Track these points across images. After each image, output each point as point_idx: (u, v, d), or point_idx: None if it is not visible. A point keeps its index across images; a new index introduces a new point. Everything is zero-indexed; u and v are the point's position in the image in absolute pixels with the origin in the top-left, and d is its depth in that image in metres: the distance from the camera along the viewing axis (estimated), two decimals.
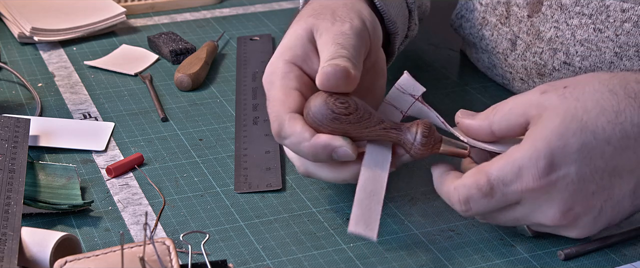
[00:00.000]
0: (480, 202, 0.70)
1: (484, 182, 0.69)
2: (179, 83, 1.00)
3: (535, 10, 0.92)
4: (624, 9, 0.85)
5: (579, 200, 0.69)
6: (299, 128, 0.72)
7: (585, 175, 0.68)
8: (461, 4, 1.02)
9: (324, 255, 0.73)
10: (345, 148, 0.71)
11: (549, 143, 0.68)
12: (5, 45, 1.11)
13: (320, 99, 0.72)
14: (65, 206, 0.77)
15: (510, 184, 0.68)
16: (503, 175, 0.68)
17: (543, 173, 0.68)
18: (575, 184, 0.68)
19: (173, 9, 1.21)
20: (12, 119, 0.85)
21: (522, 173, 0.68)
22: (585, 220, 0.70)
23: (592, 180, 0.69)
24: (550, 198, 0.69)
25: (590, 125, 0.68)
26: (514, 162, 0.68)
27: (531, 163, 0.68)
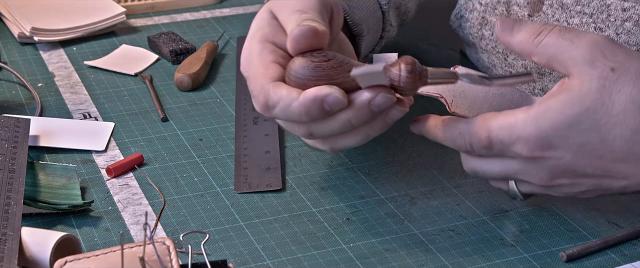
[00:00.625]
0: (481, 150, 0.72)
1: (484, 136, 0.71)
2: (179, 83, 1.00)
3: (536, 9, 0.92)
4: (624, 7, 0.85)
5: (568, 174, 0.71)
6: (284, 91, 0.72)
7: (579, 164, 0.70)
8: (461, 4, 1.02)
9: (324, 255, 0.73)
10: (334, 94, 0.71)
11: (554, 127, 0.69)
12: (5, 45, 1.11)
13: (298, 58, 0.73)
14: (65, 206, 0.77)
15: (506, 146, 0.71)
16: (501, 136, 0.71)
17: (537, 149, 0.70)
18: (566, 166, 0.70)
19: (173, 9, 1.21)
20: (12, 119, 0.85)
21: (519, 141, 0.70)
22: (569, 190, 0.72)
23: (584, 170, 0.70)
24: (540, 167, 0.71)
25: (604, 130, 0.68)
26: (514, 129, 0.70)
27: (530, 137, 0.69)
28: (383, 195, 0.81)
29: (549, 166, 0.71)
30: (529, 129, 0.69)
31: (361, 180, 0.83)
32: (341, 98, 0.71)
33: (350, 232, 0.76)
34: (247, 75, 0.76)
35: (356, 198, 0.80)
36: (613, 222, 0.77)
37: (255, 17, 0.80)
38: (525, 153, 0.70)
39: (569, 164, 0.70)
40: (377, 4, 0.92)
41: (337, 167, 0.85)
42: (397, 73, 0.71)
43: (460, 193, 0.81)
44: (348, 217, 0.78)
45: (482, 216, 0.78)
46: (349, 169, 0.84)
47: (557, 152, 0.70)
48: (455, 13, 1.03)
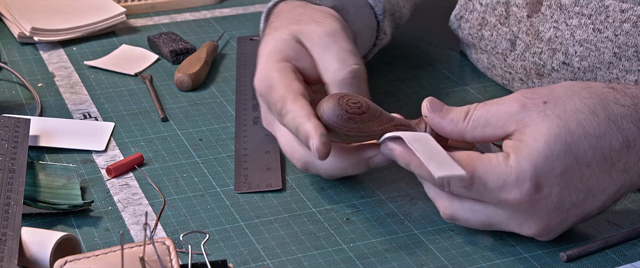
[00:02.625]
0: (457, 189, 0.70)
1: (467, 175, 0.69)
2: (179, 83, 1.00)
3: (535, 10, 0.92)
4: (623, 9, 0.85)
5: (556, 216, 0.70)
6: (299, 105, 0.74)
7: (565, 196, 0.69)
8: (460, 4, 1.02)
9: (324, 255, 0.73)
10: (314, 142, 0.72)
11: (535, 166, 0.68)
12: (5, 45, 1.11)
13: (333, 102, 0.74)
14: (65, 206, 0.77)
15: (489, 191, 0.69)
16: (485, 179, 0.69)
17: (527, 195, 0.68)
18: (555, 204, 0.69)
19: (173, 9, 1.21)
20: (12, 119, 0.85)
21: (505, 187, 0.68)
22: (555, 231, 0.72)
23: (569, 200, 0.70)
24: (529, 216, 0.70)
25: (574, 148, 0.68)
26: (500, 175, 0.68)
27: (517, 183, 0.68)
28: (383, 195, 0.81)
29: (538, 213, 0.69)
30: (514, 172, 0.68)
31: (361, 180, 0.83)
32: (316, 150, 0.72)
33: (350, 232, 0.76)
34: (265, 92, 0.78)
35: (356, 198, 0.80)
36: (613, 222, 0.77)
37: (272, 36, 0.81)
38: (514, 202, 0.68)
39: (556, 201, 0.69)
40: (372, 14, 0.93)
41: None
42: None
43: None
44: (348, 217, 0.78)
45: None
46: None
47: (545, 191, 0.68)
48: (455, 14, 1.03)
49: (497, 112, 0.71)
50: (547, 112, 0.69)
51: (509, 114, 0.70)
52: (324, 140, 0.72)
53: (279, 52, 0.80)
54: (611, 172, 0.70)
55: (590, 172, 0.69)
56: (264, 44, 0.82)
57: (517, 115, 0.70)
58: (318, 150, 0.72)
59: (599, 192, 0.70)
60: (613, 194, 0.71)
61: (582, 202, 0.70)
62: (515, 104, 0.70)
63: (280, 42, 0.80)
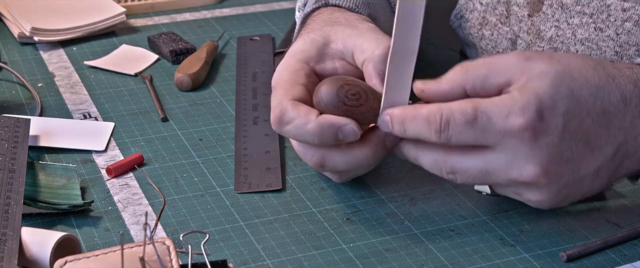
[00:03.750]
0: (457, 128, 0.69)
1: (470, 109, 0.68)
2: (179, 83, 1.00)
3: (536, 9, 0.92)
4: (624, 8, 0.85)
5: (554, 162, 0.69)
6: (302, 110, 0.73)
7: (565, 139, 0.69)
8: (461, 4, 1.02)
9: (324, 255, 0.73)
10: (351, 125, 0.72)
11: (540, 100, 0.68)
12: (5, 45, 1.11)
13: (332, 89, 0.73)
14: (65, 206, 0.77)
15: (494, 122, 0.68)
16: (490, 110, 0.68)
17: (530, 124, 0.68)
18: (555, 146, 0.69)
19: (173, 9, 1.21)
20: (12, 119, 0.85)
21: (510, 118, 0.68)
22: (551, 185, 0.70)
23: (569, 147, 0.69)
24: (531, 154, 0.69)
25: (576, 93, 0.69)
26: (504, 105, 0.68)
27: (521, 112, 0.68)
28: (383, 195, 0.81)
29: (539, 151, 0.68)
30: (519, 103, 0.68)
31: (361, 180, 0.83)
32: (357, 131, 0.73)
33: (350, 232, 0.76)
34: (274, 88, 0.78)
35: (356, 198, 0.80)
36: (613, 222, 0.77)
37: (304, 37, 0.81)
38: (517, 128, 0.68)
39: (557, 142, 0.68)
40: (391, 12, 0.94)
41: None
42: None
43: (460, 193, 0.81)
44: (348, 217, 0.78)
45: (482, 216, 0.78)
46: None
47: (549, 126, 0.68)
48: (455, 13, 1.03)
49: (499, 60, 0.71)
50: (553, 61, 0.70)
51: (513, 62, 0.70)
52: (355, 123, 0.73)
53: (301, 51, 0.80)
54: (609, 127, 0.70)
55: (590, 120, 0.69)
56: (294, 43, 0.83)
57: (523, 64, 0.70)
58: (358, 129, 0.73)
59: (597, 149, 0.70)
60: (609, 158, 0.70)
61: (580, 155, 0.69)
62: (521, 55, 0.71)
63: (307, 42, 0.81)
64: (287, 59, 0.80)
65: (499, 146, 0.69)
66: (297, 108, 0.74)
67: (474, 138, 0.69)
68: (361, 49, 0.79)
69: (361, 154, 0.75)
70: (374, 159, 0.75)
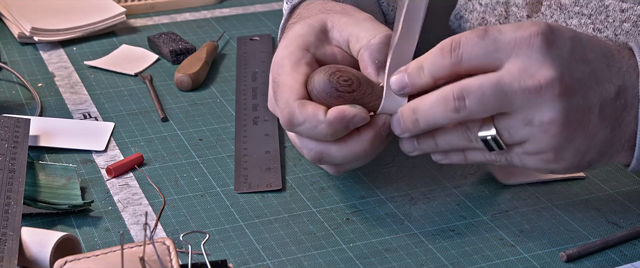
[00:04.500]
0: (470, 42, 0.69)
1: (480, 28, 0.69)
2: (179, 83, 1.00)
3: (534, 10, 0.92)
4: (623, 9, 0.85)
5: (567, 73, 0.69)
6: (311, 111, 0.73)
7: (574, 59, 0.69)
8: (460, 4, 1.02)
9: (324, 255, 0.73)
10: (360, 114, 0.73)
11: (547, 23, 0.69)
12: (5, 45, 1.11)
13: (324, 76, 0.73)
14: (65, 206, 0.77)
15: (506, 32, 0.69)
16: (501, 26, 0.69)
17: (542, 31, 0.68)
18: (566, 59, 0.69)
19: (173, 9, 1.21)
20: (12, 119, 0.85)
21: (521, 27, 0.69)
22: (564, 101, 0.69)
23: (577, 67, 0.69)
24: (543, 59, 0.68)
25: (578, 34, 0.71)
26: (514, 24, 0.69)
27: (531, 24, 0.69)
28: (383, 195, 0.81)
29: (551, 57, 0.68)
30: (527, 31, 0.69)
31: (361, 180, 0.83)
32: (366, 116, 0.73)
33: (350, 232, 0.76)
34: (276, 80, 0.77)
35: (356, 198, 0.80)
36: (613, 222, 0.77)
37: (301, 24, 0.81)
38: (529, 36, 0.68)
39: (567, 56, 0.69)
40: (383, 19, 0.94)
41: None
42: None
43: (460, 193, 0.81)
44: (348, 217, 0.78)
45: (482, 216, 0.78)
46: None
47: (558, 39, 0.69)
48: (455, 13, 1.03)
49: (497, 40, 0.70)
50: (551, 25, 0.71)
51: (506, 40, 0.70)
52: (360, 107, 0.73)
53: (301, 37, 0.79)
54: (609, 66, 0.71)
55: (593, 54, 0.71)
56: (289, 29, 0.82)
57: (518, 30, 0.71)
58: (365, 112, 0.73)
59: (601, 81, 0.70)
60: (613, 97, 0.70)
61: (587, 79, 0.70)
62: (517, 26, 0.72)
63: (305, 28, 0.80)
64: (286, 46, 0.79)
65: (511, 57, 0.69)
66: (305, 109, 0.73)
67: (485, 52, 0.69)
68: (357, 37, 0.78)
69: (358, 148, 0.75)
70: (372, 152, 0.75)
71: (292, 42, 0.79)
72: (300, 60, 0.77)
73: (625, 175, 0.83)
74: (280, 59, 0.78)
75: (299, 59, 0.77)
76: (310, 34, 0.79)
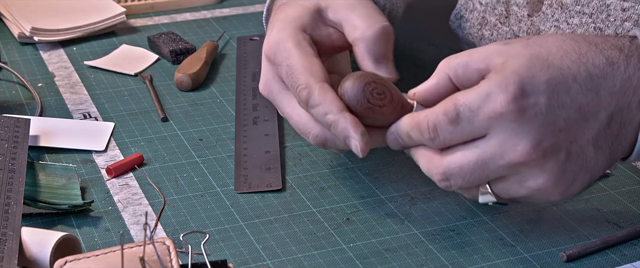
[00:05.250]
0: (446, 129, 0.68)
1: (450, 107, 0.67)
2: (179, 83, 1.00)
3: (536, 9, 0.92)
4: (624, 7, 0.85)
5: (548, 133, 0.67)
6: (329, 98, 0.72)
7: (554, 107, 0.67)
8: (461, 4, 1.02)
9: (324, 255, 0.73)
10: (356, 143, 0.72)
11: (518, 74, 0.67)
12: (5, 45, 1.11)
13: (359, 84, 0.72)
14: (65, 206, 0.77)
15: (477, 110, 0.67)
16: (470, 101, 0.67)
17: (512, 98, 0.66)
18: (544, 115, 0.67)
19: (173, 9, 1.21)
20: (12, 119, 0.85)
21: (490, 98, 0.67)
22: (552, 160, 0.68)
23: (559, 115, 0.67)
24: (519, 129, 0.67)
25: (556, 63, 0.68)
26: (482, 89, 0.67)
27: (500, 89, 0.66)
28: (383, 195, 0.81)
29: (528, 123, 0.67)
30: (496, 82, 0.67)
31: (361, 180, 0.83)
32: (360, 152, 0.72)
33: (350, 232, 0.76)
34: (285, 64, 0.76)
35: (356, 198, 0.80)
36: (613, 222, 0.77)
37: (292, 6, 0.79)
38: (501, 108, 0.66)
39: (544, 111, 0.67)
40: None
41: (337, 167, 0.85)
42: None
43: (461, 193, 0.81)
44: (348, 217, 0.78)
45: (482, 216, 0.78)
46: (349, 169, 0.85)
47: (531, 97, 0.66)
48: (455, 13, 1.03)
49: (480, 48, 0.70)
50: (529, 43, 0.69)
51: (491, 50, 0.69)
52: (366, 139, 0.72)
53: (297, 19, 0.78)
54: (598, 92, 0.68)
55: (577, 87, 0.68)
56: (281, 11, 0.80)
57: (499, 48, 0.69)
58: (361, 150, 0.72)
59: (590, 116, 0.68)
60: (605, 124, 0.68)
61: (574, 124, 0.68)
62: (500, 42, 0.70)
63: (299, 9, 0.79)
64: (282, 28, 0.78)
65: (489, 131, 0.68)
66: (325, 95, 0.73)
67: (464, 133, 0.68)
68: (353, 25, 0.78)
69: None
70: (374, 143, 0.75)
71: (289, 24, 0.78)
72: (302, 42, 0.77)
73: (625, 175, 0.83)
74: (280, 42, 0.77)
75: (300, 40, 0.77)
76: (304, 16, 0.78)
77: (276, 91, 0.79)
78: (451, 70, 0.70)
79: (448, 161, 0.69)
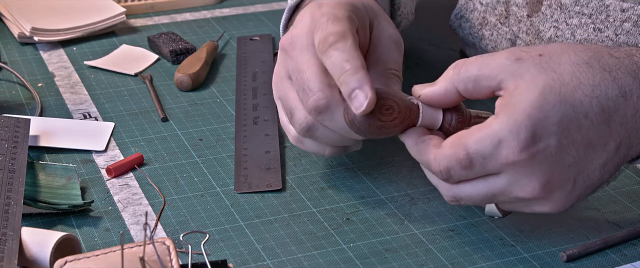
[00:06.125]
0: (460, 173, 0.69)
1: (462, 155, 0.67)
2: (179, 83, 1.00)
3: (535, 10, 0.92)
4: (623, 8, 0.85)
5: (557, 172, 0.68)
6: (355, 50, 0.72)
7: (564, 147, 0.67)
8: (461, 4, 1.02)
9: (324, 255, 0.73)
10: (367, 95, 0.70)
11: (529, 115, 0.66)
12: (5, 45, 1.11)
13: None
14: (65, 206, 0.77)
15: (489, 157, 0.67)
16: (482, 148, 0.67)
17: (524, 146, 0.66)
18: (554, 156, 0.67)
19: (173, 9, 1.21)
20: (12, 119, 0.85)
21: (502, 145, 0.66)
22: (559, 193, 0.69)
23: (569, 153, 0.68)
24: (530, 172, 0.67)
25: (569, 98, 0.67)
26: (494, 135, 0.67)
27: (512, 136, 0.66)
28: (383, 195, 0.81)
29: (539, 166, 0.67)
30: (507, 127, 0.66)
31: (361, 180, 0.83)
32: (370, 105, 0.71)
33: (350, 232, 0.76)
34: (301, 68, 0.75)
35: (356, 198, 0.80)
36: (613, 222, 0.77)
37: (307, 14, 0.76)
38: (513, 157, 0.67)
39: (554, 153, 0.67)
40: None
41: (337, 167, 0.85)
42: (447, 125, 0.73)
43: None
44: (348, 217, 0.78)
45: (482, 216, 0.78)
46: (349, 169, 0.85)
47: (542, 141, 0.67)
48: (455, 13, 1.03)
49: (491, 62, 0.69)
50: (543, 64, 0.68)
51: (504, 65, 0.69)
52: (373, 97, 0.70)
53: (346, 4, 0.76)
54: (609, 124, 0.68)
55: (589, 122, 0.68)
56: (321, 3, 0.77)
57: (512, 65, 0.68)
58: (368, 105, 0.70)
59: (599, 147, 0.68)
60: (613, 153, 0.69)
61: (583, 157, 0.68)
62: (511, 56, 0.69)
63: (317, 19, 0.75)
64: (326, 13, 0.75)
65: (500, 174, 0.68)
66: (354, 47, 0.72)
67: (477, 174, 0.69)
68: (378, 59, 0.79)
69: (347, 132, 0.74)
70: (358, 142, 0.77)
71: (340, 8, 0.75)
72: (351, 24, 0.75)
73: (625, 175, 0.83)
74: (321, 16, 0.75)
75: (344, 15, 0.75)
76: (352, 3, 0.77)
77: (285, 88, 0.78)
78: (461, 84, 0.70)
79: (458, 189, 0.71)
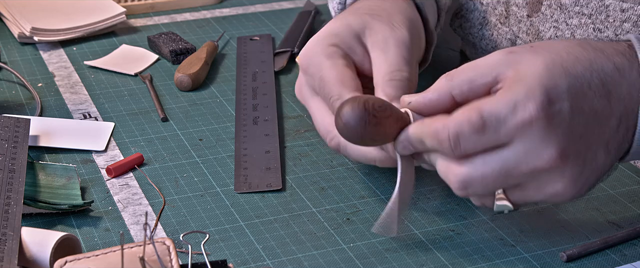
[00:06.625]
0: (470, 139, 0.67)
1: (476, 117, 0.66)
2: (179, 83, 1.00)
3: (535, 10, 0.92)
4: (623, 8, 0.85)
5: (572, 140, 0.67)
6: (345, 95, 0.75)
7: (575, 114, 0.67)
8: (461, 4, 1.02)
9: (324, 255, 0.73)
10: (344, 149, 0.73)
11: (541, 82, 0.66)
12: (5, 45, 1.11)
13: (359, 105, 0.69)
14: (65, 206, 0.77)
15: (504, 119, 0.66)
16: (497, 110, 0.66)
17: (541, 107, 0.66)
18: (568, 122, 0.67)
19: (173, 9, 1.21)
20: (12, 119, 0.85)
21: (518, 107, 0.66)
22: (572, 167, 0.68)
23: (579, 122, 0.67)
24: (547, 136, 0.66)
25: (571, 70, 0.67)
26: (509, 98, 0.66)
27: (528, 98, 0.66)
28: (383, 195, 0.81)
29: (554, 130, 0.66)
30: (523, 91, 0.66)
31: (361, 180, 0.83)
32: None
33: (350, 232, 0.76)
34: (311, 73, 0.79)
35: (356, 198, 0.80)
36: (613, 222, 0.77)
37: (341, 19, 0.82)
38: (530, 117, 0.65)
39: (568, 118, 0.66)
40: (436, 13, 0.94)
41: (337, 167, 0.85)
42: None
43: None
44: (348, 217, 0.78)
45: (482, 216, 0.78)
46: (349, 169, 0.85)
47: (557, 104, 0.66)
48: (456, 13, 1.03)
49: (484, 61, 0.69)
50: (537, 50, 0.69)
51: (498, 60, 0.69)
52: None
53: (335, 36, 0.80)
54: (609, 98, 0.68)
55: (593, 93, 0.68)
56: (329, 23, 0.83)
57: (506, 58, 0.68)
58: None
59: (603, 120, 0.68)
60: (615, 129, 0.69)
61: (591, 129, 0.68)
62: (501, 53, 0.69)
63: (342, 27, 0.81)
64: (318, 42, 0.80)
65: (513, 140, 0.67)
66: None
67: (487, 143, 0.67)
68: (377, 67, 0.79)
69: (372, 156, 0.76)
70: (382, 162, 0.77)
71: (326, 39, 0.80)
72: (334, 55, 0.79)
73: (625, 175, 0.83)
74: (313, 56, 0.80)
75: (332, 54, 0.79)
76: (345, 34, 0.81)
77: (307, 96, 0.82)
78: (455, 89, 0.69)
79: (468, 169, 0.68)
